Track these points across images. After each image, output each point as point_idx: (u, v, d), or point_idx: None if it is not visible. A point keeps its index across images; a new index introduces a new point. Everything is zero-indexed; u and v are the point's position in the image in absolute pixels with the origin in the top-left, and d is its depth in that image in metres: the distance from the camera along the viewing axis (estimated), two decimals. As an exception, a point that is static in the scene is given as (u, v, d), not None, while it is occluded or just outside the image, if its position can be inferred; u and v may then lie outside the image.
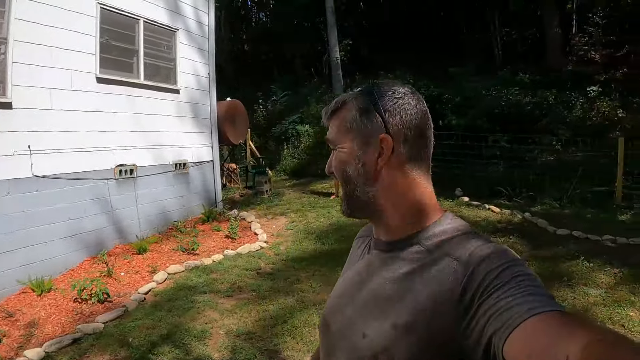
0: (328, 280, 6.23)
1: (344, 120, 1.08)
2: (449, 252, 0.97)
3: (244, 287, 6.01)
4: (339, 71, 15.93)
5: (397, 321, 0.96)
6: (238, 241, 7.75)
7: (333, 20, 16.08)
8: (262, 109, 14.92)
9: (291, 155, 13.06)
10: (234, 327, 4.95)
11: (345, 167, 1.08)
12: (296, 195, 10.70)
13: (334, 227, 8.44)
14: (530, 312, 0.76)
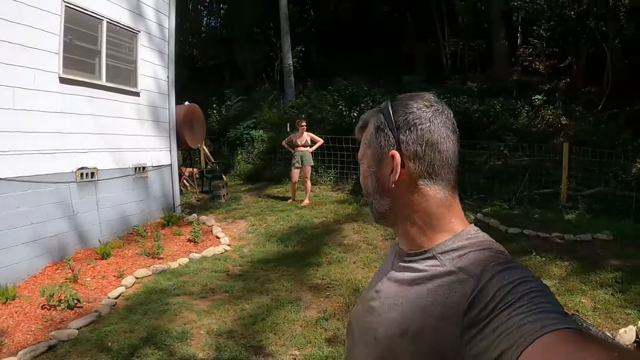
0: (298, 279, 6.31)
1: (365, 138, 1.14)
2: (462, 266, 0.98)
3: (216, 288, 5.98)
4: (291, 77, 16.01)
5: (406, 328, 0.99)
6: (201, 245, 7.68)
7: (287, 26, 16.16)
8: (216, 113, 14.81)
9: (245, 160, 13.03)
10: (214, 327, 4.94)
11: (365, 181, 1.14)
12: (253, 199, 10.69)
13: (295, 229, 8.50)
14: (544, 330, 0.75)
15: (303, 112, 13.60)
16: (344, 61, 19.25)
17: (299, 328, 4.98)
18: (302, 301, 5.64)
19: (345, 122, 12.43)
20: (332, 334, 4.86)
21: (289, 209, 9.70)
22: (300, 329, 4.96)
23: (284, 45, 16.24)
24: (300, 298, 5.73)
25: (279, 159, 12.63)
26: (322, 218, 9.13)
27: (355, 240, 7.94)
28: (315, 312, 5.38)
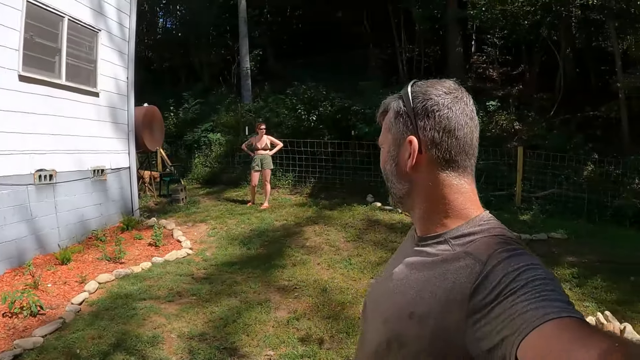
0: (265, 281, 6.32)
1: (385, 122, 1.16)
2: (470, 251, 0.99)
3: (183, 292, 5.91)
4: (249, 81, 15.93)
5: (414, 311, 1.00)
6: (162, 249, 7.56)
7: (245, 30, 16.08)
8: (173, 116, 14.56)
9: (202, 164, 12.87)
10: (185, 330, 4.89)
11: (385, 165, 1.16)
12: (212, 203, 10.59)
13: (256, 232, 8.48)
14: (545, 318, 0.76)
15: (260, 116, 13.57)
16: (301, 65, 19.35)
17: (270, 329, 5.00)
18: (272, 302, 5.66)
19: (304, 125, 12.47)
20: (305, 333, 4.91)
21: (249, 212, 9.66)
22: (272, 329, 4.98)
23: (242, 48, 16.15)
24: (269, 299, 5.74)
25: (237, 162, 12.54)
26: (282, 221, 9.14)
27: (318, 242, 7.99)
28: (285, 313, 5.40)
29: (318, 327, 5.03)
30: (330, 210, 9.81)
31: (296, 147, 11.80)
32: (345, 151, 11.91)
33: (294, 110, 12.82)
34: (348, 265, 6.93)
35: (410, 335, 1.00)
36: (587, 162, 10.86)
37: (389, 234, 8.29)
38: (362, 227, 8.73)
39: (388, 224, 8.87)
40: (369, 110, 12.18)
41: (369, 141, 11.40)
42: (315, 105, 12.67)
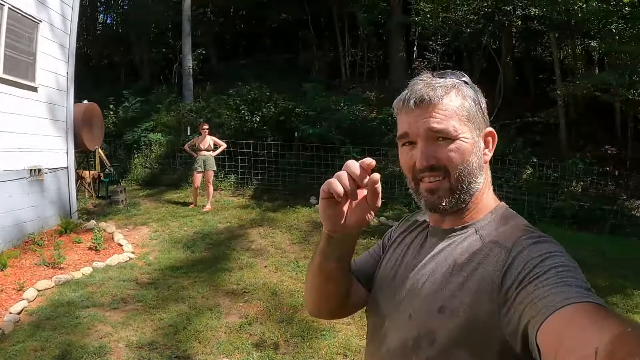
0: (213, 285, 6.23)
1: (462, 109, 1.07)
2: (498, 240, 1.01)
3: (128, 298, 5.72)
4: (190, 80, 15.61)
5: (444, 305, 1.00)
6: (103, 253, 7.28)
7: (188, 28, 15.73)
8: (112, 115, 14.05)
9: (142, 165, 12.50)
10: (134, 339, 4.73)
11: (469, 158, 1.06)
12: (153, 205, 10.31)
13: (200, 235, 8.35)
14: (565, 302, 0.77)
15: (202, 116, 13.35)
16: (244, 66, 19.19)
17: (223, 335, 4.92)
18: (221, 307, 5.57)
19: (247, 126, 12.36)
20: (259, 338, 4.87)
21: (192, 215, 9.49)
22: (225, 335, 4.90)
23: (185, 47, 15.80)
24: (218, 304, 5.65)
25: (178, 163, 12.27)
26: (226, 223, 9.04)
27: (263, 245, 7.96)
28: (236, 318, 5.33)
29: (272, 331, 4.99)
30: (274, 212, 9.79)
31: (239, 148, 11.68)
32: (289, 153, 11.90)
33: (237, 111, 12.68)
34: (296, 268, 6.92)
35: (440, 330, 0.98)
36: (527, 166, 11.35)
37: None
38: (307, 229, 8.76)
39: (333, 225, 8.89)
40: (313, 112, 12.23)
41: (312, 143, 11.45)
42: (259, 106, 12.59)
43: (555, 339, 0.73)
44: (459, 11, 14.74)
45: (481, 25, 15.21)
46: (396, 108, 1.13)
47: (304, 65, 18.78)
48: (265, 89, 13.31)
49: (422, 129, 1.06)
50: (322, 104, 12.83)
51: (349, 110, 12.57)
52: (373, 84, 16.57)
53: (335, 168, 8.25)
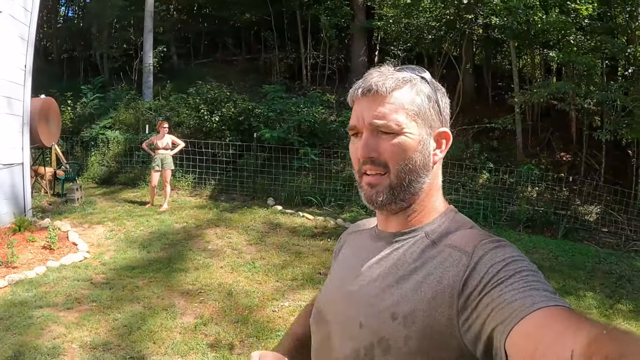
0: (168, 285, 6.25)
1: (411, 103, 1.04)
2: (453, 244, 0.98)
3: (82, 298, 5.71)
4: (150, 78, 15.43)
5: (397, 311, 0.96)
6: (58, 252, 7.21)
7: (151, 24, 15.53)
8: (70, 110, 13.76)
9: (99, 162, 12.32)
10: (88, 339, 4.75)
11: (411, 155, 1.03)
12: (109, 203, 10.21)
13: (156, 235, 8.33)
14: (534, 307, 0.76)
15: (161, 115, 13.24)
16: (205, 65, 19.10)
17: (178, 335, 4.97)
18: (177, 307, 5.62)
19: (205, 126, 12.35)
20: (214, 338, 4.94)
21: (148, 214, 9.45)
22: (180, 336, 4.96)
23: (146, 43, 15.59)
24: (173, 304, 5.69)
25: (136, 162, 12.16)
26: (183, 223, 9.04)
27: (220, 245, 8.00)
28: (192, 318, 5.40)
29: (227, 332, 5.08)
30: (231, 213, 9.83)
31: (197, 148, 11.67)
32: (247, 153, 11.94)
33: (197, 110, 12.64)
34: (252, 269, 7.00)
35: (395, 338, 0.95)
36: (483, 171, 11.72)
37: (291, 237, 8.47)
38: (263, 230, 8.84)
39: (290, 227, 9.05)
40: (272, 113, 12.31)
41: (270, 144, 11.53)
42: (218, 106, 12.58)
43: (528, 344, 0.72)
44: (422, 17, 15.03)
45: (443, 32, 15.54)
46: (349, 97, 1.10)
47: (265, 66, 18.81)
48: (225, 88, 13.31)
49: (367, 120, 1.03)
50: (282, 105, 12.93)
51: (308, 112, 12.69)
52: (334, 87, 16.73)
53: (294, 169, 8.43)
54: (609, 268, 8.04)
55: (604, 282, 7.43)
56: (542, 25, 11.57)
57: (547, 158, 13.41)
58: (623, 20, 13.04)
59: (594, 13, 12.14)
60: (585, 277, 7.53)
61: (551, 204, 10.89)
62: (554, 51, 12.64)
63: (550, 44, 13.44)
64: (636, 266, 8.25)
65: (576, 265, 8.03)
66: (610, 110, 11.72)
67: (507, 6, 11.71)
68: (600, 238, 10.15)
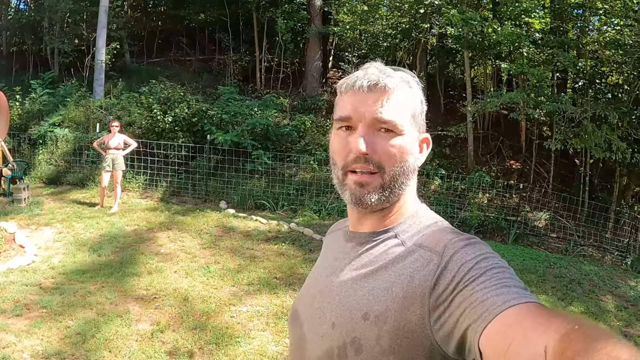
0: (121, 290, 6.11)
1: (411, 106, 1.05)
2: (424, 243, 0.99)
3: (31, 304, 5.51)
4: (102, 75, 14.99)
5: (368, 311, 0.97)
6: (4, 254, 6.96)
7: (105, 20, 15.08)
8: (18, 106, 13.20)
9: (47, 161, 11.89)
10: (39, 349, 4.59)
11: (407, 157, 1.03)
12: (57, 204, 9.88)
13: (106, 237, 8.13)
14: (507, 304, 0.77)
15: (112, 113, 12.93)
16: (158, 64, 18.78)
17: (134, 343, 4.87)
18: (131, 314, 5.50)
19: (158, 126, 12.13)
20: (172, 346, 4.86)
21: (98, 216, 9.22)
22: (136, 343, 4.86)
23: (99, 39, 15.11)
24: (128, 311, 5.57)
25: (85, 161, 11.81)
26: (134, 226, 8.86)
27: (172, 249, 7.89)
28: (148, 325, 5.29)
29: (185, 339, 5.00)
30: (183, 216, 9.70)
31: (149, 148, 11.45)
32: (200, 155, 11.81)
33: (149, 109, 12.40)
34: (207, 273, 6.92)
35: (367, 338, 0.96)
36: (435, 177, 11.96)
37: (245, 241, 8.42)
38: (217, 234, 8.77)
39: (243, 231, 9.01)
40: (226, 115, 12.23)
41: (223, 146, 11.46)
42: (172, 106, 12.39)
43: (501, 342, 0.73)
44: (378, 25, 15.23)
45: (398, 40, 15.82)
46: (343, 86, 1.06)
47: (218, 67, 18.65)
48: (179, 88, 13.12)
49: (370, 115, 1.00)
50: (236, 107, 12.85)
51: (262, 115, 12.66)
52: (287, 91, 16.77)
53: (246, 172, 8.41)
54: (559, 272, 8.33)
55: (556, 285, 7.71)
56: (497, 37, 11.91)
57: (498, 166, 13.87)
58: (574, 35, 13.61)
59: (546, 27, 12.62)
60: (537, 280, 7.79)
61: (502, 210, 11.21)
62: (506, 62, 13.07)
63: (502, 56, 13.90)
64: (585, 270, 8.62)
65: (528, 269, 8.27)
66: (560, 120, 12.18)
67: (464, 17, 12.02)
68: (550, 243, 10.57)
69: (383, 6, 15.95)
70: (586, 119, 11.64)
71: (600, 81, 13.93)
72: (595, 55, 13.46)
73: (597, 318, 6.57)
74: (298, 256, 7.87)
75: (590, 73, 13.24)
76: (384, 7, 16.00)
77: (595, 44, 13.29)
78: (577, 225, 11.00)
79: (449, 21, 12.45)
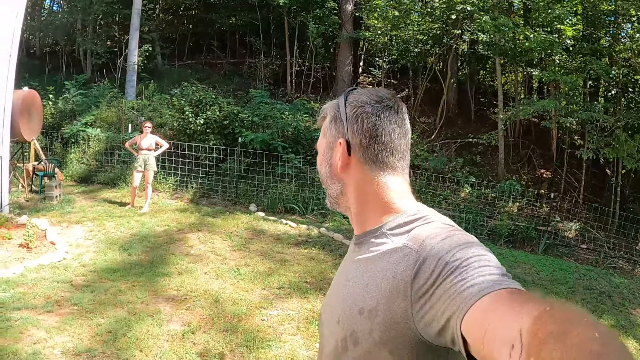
0: (152, 290, 6.04)
1: (323, 127, 1.24)
2: (406, 239, 1.04)
3: (62, 301, 5.47)
4: (134, 77, 15.13)
5: (363, 306, 1.05)
6: (35, 250, 6.94)
7: (138, 23, 15.26)
8: (51, 105, 13.38)
9: (78, 160, 11.98)
10: (70, 345, 4.53)
11: (320, 168, 1.24)
12: (88, 203, 9.89)
13: (137, 237, 8.09)
14: (481, 293, 0.80)
15: (143, 114, 12.99)
16: (188, 67, 18.89)
17: (165, 343, 4.77)
18: (162, 314, 5.41)
19: (190, 128, 12.13)
20: (203, 347, 4.77)
21: (129, 215, 9.19)
22: (167, 344, 4.77)
23: (132, 41, 15.29)
24: (159, 310, 5.48)
25: (116, 161, 11.86)
26: (164, 226, 8.80)
27: (203, 250, 7.80)
28: (179, 325, 5.20)
29: (216, 341, 4.90)
30: (213, 218, 9.62)
31: (180, 150, 11.44)
32: (230, 158, 11.77)
33: (182, 111, 12.41)
34: (237, 275, 6.81)
35: (362, 331, 1.04)
36: (465, 184, 11.76)
37: (275, 245, 8.31)
38: (247, 237, 8.66)
39: (273, 234, 8.90)
40: (257, 118, 12.17)
41: (254, 149, 11.40)
42: (204, 108, 12.38)
43: (478, 329, 0.76)
44: (409, 30, 15.11)
45: (429, 46, 15.66)
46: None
47: (249, 70, 18.66)
48: (211, 91, 13.12)
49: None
50: (267, 110, 12.80)
51: (292, 119, 12.58)
52: (318, 95, 16.68)
53: (276, 176, 8.28)
54: (589, 284, 8.13)
55: (586, 297, 7.51)
56: (529, 44, 11.69)
57: (528, 174, 13.61)
58: (607, 42, 13.30)
59: (578, 34, 12.36)
60: (566, 292, 7.61)
61: (532, 219, 11.00)
62: (537, 69, 12.82)
63: (534, 62, 13.62)
64: (615, 282, 8.39)
65: (557, 280, 8.10)
66: (592, 129, 11.91)
67: (496, 24, 11.80)
68: (580, 254, 10.31)
69: (414, 12, 15.81)
70: (619, 128, 11.39)
71: (633, 90, 13.67)
72: (628, 63, 13.16)
73: (627, 332, 6.36)
74: (328, 261, 7.72)
75: (623, 81, 12.99)
76: (415, 12, 15.86)
77: (629, 51, 13.04)
78: (607, 236, 10.76)
79: (480, 27, 12.28)
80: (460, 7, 13.00)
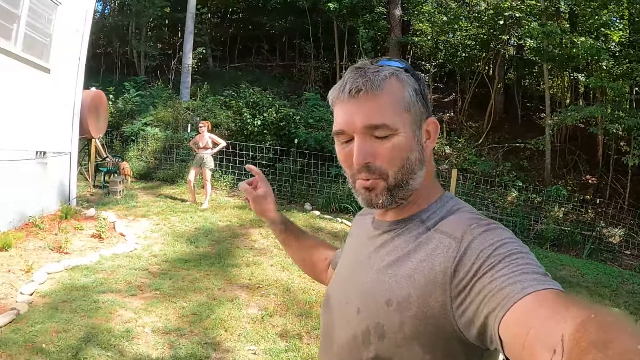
0: (226, 279, 6.12)
1: (399, 100, 0.99)
2: (445, 229, 0.97)
3: (143, 286, 5.56)
4: (189, 78, 15.44)
5: (391, 297, 0.96)
6: (107, 241, 7.08)
7: (192, 26, 15.60)
8: (111, 105, 13.76)
9: (137, 157, 12.27)
10: (159, 325, 4.60)
11: (407, 154, 1.00)
12: (150, 198, 10.08)
13: (201, 231, 8.19)
14: (524, 292, 0.76)
15: (198, 115, 13.22)
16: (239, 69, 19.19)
17: (247, 325, 4.85)
18: (240, 299, 5.48)
19: (247, 129, 12.29)
20: (282, 329, 4.84)
21: (191, 211, 9.32)
22: (249, 325, 4.85)
23: (186, 44, 15.63)
24: (237, 297, 5.54)
25: (175, 159, 12.08)
26: (226, 222, 8.89)
27: (266, 245, 7.84)
28: (256, 310, 5.27)
29: (293, 324, 4.98)
30: (272, 215, 9.64)
31: (237, 149, 11.58)
32: (286, 158, 11.87)
33: (239, 113, 12.60)
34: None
35: (390, 324, 0.96)
36: (512, 188, 11.81)
37: (333, 241, 8.28)
38: (307, 233, 8.65)
39: (331, 231, 8.96)
40: (311, 119, 12.27)
41: (309, 150, 11.46)
42: (261, 110, 12.56)
43: (519, 330, 0.72)
44: (457, 35, 15.04)
45: (476, 51, 15.55)
46: (331, 98, 1.04)
47: (299, 73, 18.79)
48: (267, 93, 13.31)
49: (360, 123, 0.97)
50: (321, 113, 12.91)
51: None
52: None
53: (331, 176, 8.24)
54: (632, 288, 8.09)
55: (628, 300, 7.46)
56: (577, 50, 11.53)
57: (574, 180, 13.51)
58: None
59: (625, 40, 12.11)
60: (610, 294, 7.57)
61: (577, 224, 10.96)
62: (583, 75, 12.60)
63: (580, 68, 13.40)
64: (658, 288, 8.28)
65: (601, 283, 8.08)
66: (638, 136, 11.74)
67: (545, 30, 11.69)
68: (623, 260, 10.22)
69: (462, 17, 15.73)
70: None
71: (680, 96, 13.30)
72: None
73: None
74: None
75: (669, 88, 12.67)
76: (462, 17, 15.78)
77: (676, 58, 12.67)
78: (651, 243, 10.58)
79: (528, 33, 12.14)
80: (509, 13, 12.92)
